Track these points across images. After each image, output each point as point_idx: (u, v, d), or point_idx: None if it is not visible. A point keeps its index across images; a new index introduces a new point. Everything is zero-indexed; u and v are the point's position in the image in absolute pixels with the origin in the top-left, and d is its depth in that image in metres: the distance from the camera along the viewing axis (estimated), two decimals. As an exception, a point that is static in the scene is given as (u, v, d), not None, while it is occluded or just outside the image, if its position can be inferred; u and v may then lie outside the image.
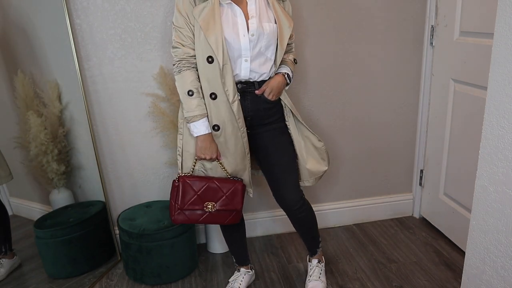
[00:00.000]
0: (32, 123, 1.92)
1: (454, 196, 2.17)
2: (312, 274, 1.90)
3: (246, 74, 1.54)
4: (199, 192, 1.58)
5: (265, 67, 1.56)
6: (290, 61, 1.68)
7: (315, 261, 1.92)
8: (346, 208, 2.45)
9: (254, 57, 1.52)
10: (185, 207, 1.59)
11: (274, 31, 1.53)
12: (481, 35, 1.84)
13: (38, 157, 1.97)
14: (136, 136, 2.10)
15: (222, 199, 1.59)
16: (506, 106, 1.12)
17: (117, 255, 2.20)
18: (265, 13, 1.53)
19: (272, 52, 1.55)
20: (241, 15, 1.49)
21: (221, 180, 1.60)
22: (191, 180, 1.59)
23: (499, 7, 1.11)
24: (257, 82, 1.57)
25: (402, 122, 2.36)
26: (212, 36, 1.44)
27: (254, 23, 1.49)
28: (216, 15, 1.45)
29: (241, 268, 1.92)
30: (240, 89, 1.55)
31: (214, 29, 1.44)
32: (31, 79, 1.91)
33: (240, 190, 1.60)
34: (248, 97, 1.58)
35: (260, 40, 1.50)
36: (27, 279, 1.95)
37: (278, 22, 1.53)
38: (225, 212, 1.62)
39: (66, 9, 1.83)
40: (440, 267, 2.04)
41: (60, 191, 2.09)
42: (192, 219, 1.62)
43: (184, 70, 1.52)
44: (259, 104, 1.60)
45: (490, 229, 1.24)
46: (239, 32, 1.48)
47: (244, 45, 1.49)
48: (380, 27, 2.15)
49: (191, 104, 1.52)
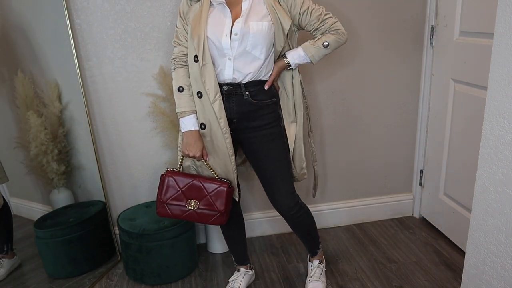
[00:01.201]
0: (32, 123, 1.92)
1: (454, 196, 2.17)
2: (313, 274, 1.89)
3: (230, 73, 1.53)
4: (183, 189, 1.60)
5: (252, 66, 1.53)
6: (316, 45, 1.58)
7: (316, 262, 1.92)
8: (346, 208, 2.45)
9: (238, 56, 1.50)
10: (167, 201, 1.61)
11: (264, 30, 1.49)
12: (481, 35, 1.84)
13: (38, 157, 1.97)
14: (136, 136, 2.10)
15: (204, 198, 1.59)
16: (506, 106, 1.12)
17: (117, 255, 2.20)
18: (256, 13, 1.50)
19: (260, 51, 1.51)
20: (230, 17, 1.49)
21: (207, 180, 1.60)
22: (176, 176, 1.61)
23: (499, 7, 1.11)
24: (243, 84, 1.55)
25: (402, 122, 2.36)
26: (196, 36, 1.48)
27: (239, 22, 1.48)
28: (203, 15, 1.48)
29: (241, 268, 1.92)
30: (225, 91, 1.55)
31: (199, 29, 1.47)
32: (31, 79, 1.91)
33: (225, 192, 1.58)
34: (233, 99, 1.57)
35: (245, 39, 1.48)
36: (27, 279, 1.95)
37: (273, 21, 1.51)
38: (208, 212, 1.61)
39: (66, 9, 1.83)
40: (440, 267, 2.04)
41: (60, 191, 2.09)
42: (175, 215, 1.63)
43: (178, 67, 1.58)
44: (244, 107, 1.57)
45: (490, 229, 1.24)
46: (223, 32, 1.48)
47: (225, 44, 1.48)
48: (380, 27, 2.15)
49: (181, 100, 1.56)
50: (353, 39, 2.14)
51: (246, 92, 1.56)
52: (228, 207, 1.62)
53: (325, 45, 1.58)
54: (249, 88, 1.56)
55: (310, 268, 1.94)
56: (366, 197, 2.47)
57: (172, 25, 1.95)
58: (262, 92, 1.58)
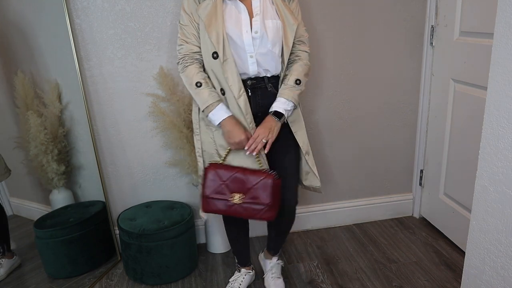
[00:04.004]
0: (32, 123, 1.92)
1: (454, 196, 2.17)
2: (274, 271, 1.90)
3: (254, 69, 1.54)
4: (226, 182, 1.53)
5: (272, 62, 1.56)
6: (289, 86, 1.56)
7: (275, 259, 1.93)
8: (346, 208, 2.45)
9: (260, 54, 1.52)
10: (210, 196, 1.55)
11: (279, 28, 1.53)
12: (481, 35, 1.84)
13: (38, 157, 1.97)
14: (136, 136, 2.10)
15: (249, 191, 1.52)
16: (506, 106, 1.12)
17: (117, 255, 2.20)
18: (269, 11, 1.53)
19: (279, 49, 1.55)
20: (245, 11, 1.50)
21: (251, 172, 1.53)
22: (219, 169, 1.54)
23: (499, 7, 1.11)
24: (267, 78, 1.58)
25: (402, 122, 2.36)
26: (213, 32, 1.45)
27: (257, 21, 1.49)
28: (218, 11, 1.46)
29: (242, 268, 1.92)
30: (250, 86, 1.56)
31: (216, 25, 1.45)
32: (31, 79, 1.91)
33: (271, 184, 1.50)
34: (259, 93, 1.58)
35: (265, 38, 1.51)
36: (27, 279, 1.95)
37: (281, 20, 1.53)
38: (255, 206, 1.52)
39: (66, 9, 1.83)
40: (440, 267, 2.04)
41: (60, 191, 2.09)
42: (219, 210, 1.55)
43: (188, 66, 1.54)
44: (269, 98, 1.59)
45: (490, 229, 1.24)
46: (242, 28, 1.49)
47: (247, 41, 1.49)
48: (380, 27, 2.15)
49: (203, 95, 1.51)
50: (353, 39, 2.14)
51: (269, 84, 1.58)
52: (276, 201, 1.54)
53: (297, 82, 1.57)
54: (271, 80, 1.59)
55: (269, 265, 1.92)
56: (366, 197, 2.47)
57: (172, 25, 1.95)
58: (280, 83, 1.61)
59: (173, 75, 2.01)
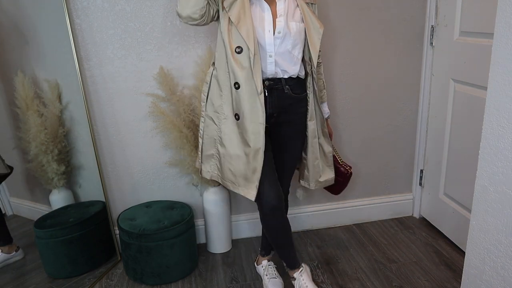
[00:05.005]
0: (32, 123, 1.92)
1: (454, 196, 2.17)
2: (268, 273, 1.91)
3: (272, 69, 1.55)
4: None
5: (291, 64, 1.57)
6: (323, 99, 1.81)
7: (265, 262, 1.96)
8: (346, 208, 2.45)
9: (279, 54, 1.54)
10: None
11: (301, 31, 1.55)
12: (481, 35, 1.84)
13: (38, 157, 1.97)
14: (136, 136, 2.10)
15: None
16: (506, 106, 1.12)
17: (117, 255, 2.20)
18: (293, 13, 1.55)
19: (299, 51, 1.57)
20: (269, 11, 1.52)
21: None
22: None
23: (499, 7, 1.11)
24: (284, 79, 1.58)
25: (402, 122, 2.36)
26: (244, 27, 1.47)
27: (281, 21, 1.51)
28: (247, 9, 1.48)
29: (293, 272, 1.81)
30: (267, 86, 1.56)
31: (245, 21, 1.47)
32: (31, 79, 1.91)
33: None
34: (275, 94, 1.59)
35: (287, 39, 1.52)
36: (27, 279, 1.95)
37: (305, 22, 1.55)
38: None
39: (66, 9, 1.84)
40: (440, 267, 2.04)
41: (60, 191, 2.09)
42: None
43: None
44: (285, 101, 1.61)
45: (490, 229, 1.24)
46: (265, 27, 1.51)
47: (268, 40, 1.51)
48: (380, 27, 2.15)
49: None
50: (353, 39, 2.14)
51: (287, 86, 1.59)
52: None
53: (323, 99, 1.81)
54: (289, 82, 1.60)
55: (261, 269, 1.95)
56: (366, 197, 2.47)
57: (172, 25, 1.95)
58: (298, 85, 1.64)
59: (173, 75, 2.01)
